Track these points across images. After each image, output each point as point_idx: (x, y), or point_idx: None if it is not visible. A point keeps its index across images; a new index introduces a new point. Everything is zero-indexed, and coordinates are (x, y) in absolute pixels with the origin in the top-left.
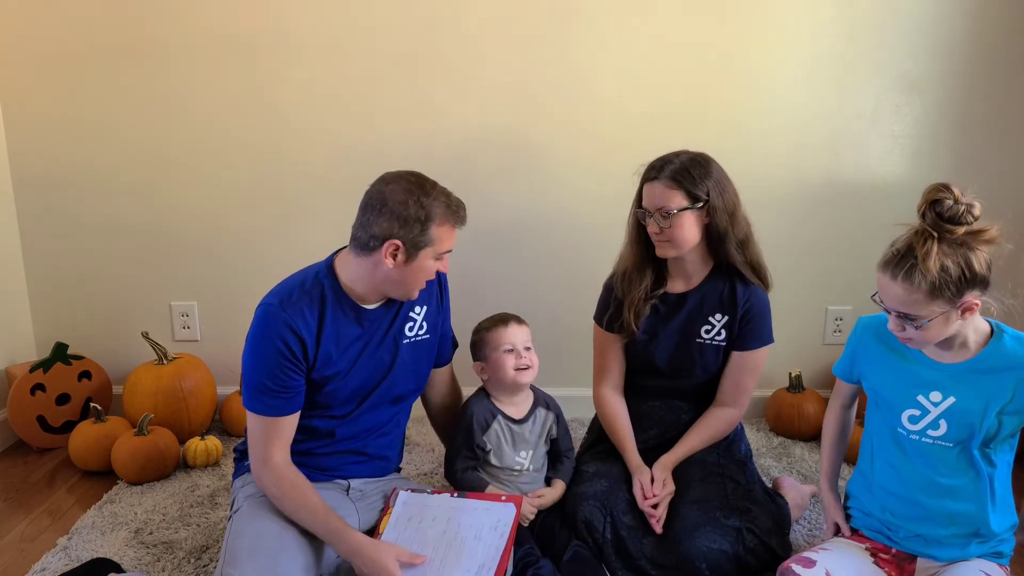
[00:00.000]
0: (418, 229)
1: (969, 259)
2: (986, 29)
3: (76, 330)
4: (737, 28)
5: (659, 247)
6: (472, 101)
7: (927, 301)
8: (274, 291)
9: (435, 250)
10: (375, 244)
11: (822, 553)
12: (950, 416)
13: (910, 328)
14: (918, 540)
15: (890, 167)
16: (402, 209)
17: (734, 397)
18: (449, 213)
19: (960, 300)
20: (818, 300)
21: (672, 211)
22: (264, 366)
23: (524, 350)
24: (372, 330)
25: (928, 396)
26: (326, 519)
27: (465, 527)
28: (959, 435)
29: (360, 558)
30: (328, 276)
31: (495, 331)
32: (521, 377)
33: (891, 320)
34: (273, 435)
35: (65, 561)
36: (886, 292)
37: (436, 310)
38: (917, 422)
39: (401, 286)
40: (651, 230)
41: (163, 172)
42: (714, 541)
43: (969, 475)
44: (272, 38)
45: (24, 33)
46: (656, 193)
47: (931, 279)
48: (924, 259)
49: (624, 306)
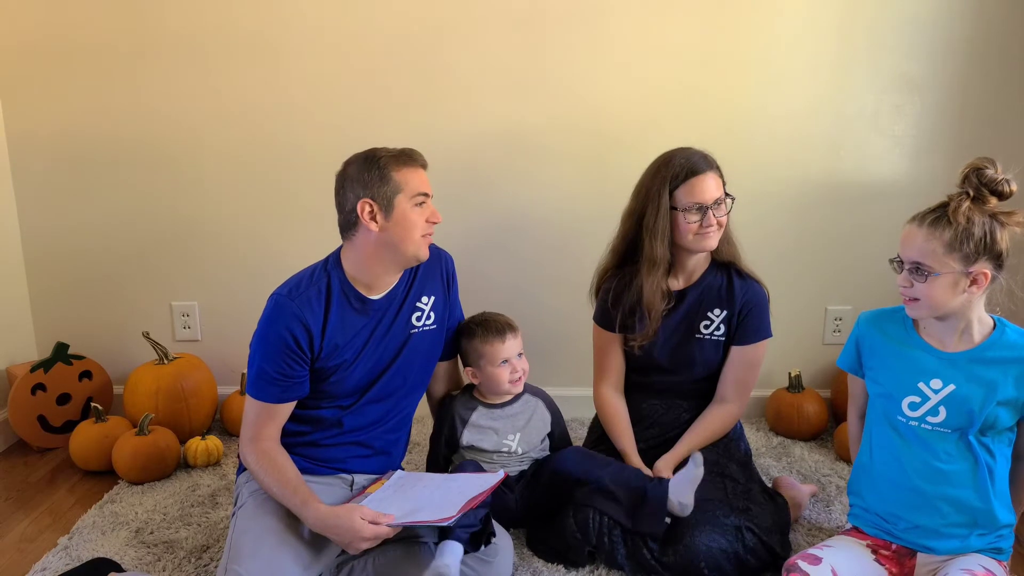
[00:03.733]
0: (378, 181)
1: (995, 229)
2: (986, 29)
3: (77, 330)
4: (737, 28)
5: (708, 239)
6: (473, 101)
7: (944, 252)
8: (285, 283)
9: (407, 194)
10: (354, 218)
11: (826, 550)
12: (950, 403)
13: (918, 284)
14: (917, 531)
15: (890, 167)
16: (359, 174)
17: (734, 393)
18: (400, 156)
19: (973, 265)
20: (818, 300)
21: (723, 199)
22: (269, 354)
23: (517, 359)
24: (377, 319)
25: (929, 383)
26: (296, 490)
27: (450, 485)
28: (958, 422)
29: (327, 528)
30: (335, 267)
31: (490, 345)
32: (516, 387)
33: (901, 278)
34: (267, 418)
35: (66, 561)
36: (906, 243)
37: (444, 301)
38: (917, 408)
39: (399, 245)
40: (708, 222)
41: (164, 172)
42: (714, 540)
43: (967, 461)
44: (273, 38)
45: (24, 32)
46: (713, 184)
47: (955, 230)
48: (955, 210)
49: (644, 309)
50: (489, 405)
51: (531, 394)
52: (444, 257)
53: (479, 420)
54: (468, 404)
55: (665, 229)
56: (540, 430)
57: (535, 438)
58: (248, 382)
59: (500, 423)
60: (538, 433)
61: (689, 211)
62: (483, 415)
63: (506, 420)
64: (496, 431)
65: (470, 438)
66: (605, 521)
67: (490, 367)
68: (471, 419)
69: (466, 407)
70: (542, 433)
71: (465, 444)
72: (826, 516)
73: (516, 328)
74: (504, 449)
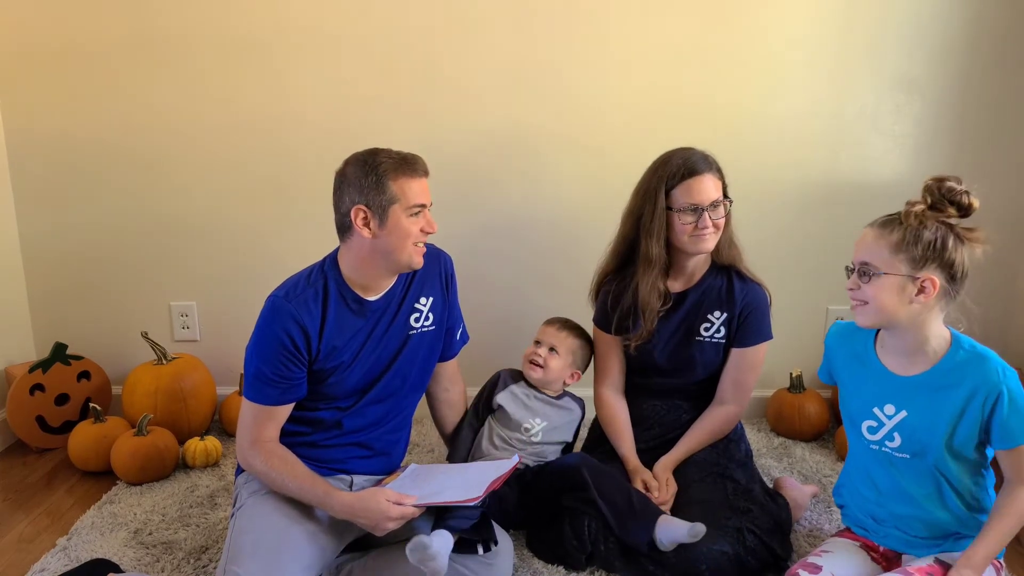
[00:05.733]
0: (374, 189)
1: (947, 239)
2: (986, 29)
3: (75, 330)
4: (738, 28)
5: (705, 241)
6: (473, 101)
7: (891, 253)
8: (283, 284)
9: (403, 205)
10: (347, 221)
11: (826, 557)
12: (902, 429)
13: (864, 287)
14: (895, 539)
15: (890, 167)
16: (356, 178)
17: (734, 395)
18: (401, 164)
19: (920, 271)
20: (818, 300)
21: (720, 200)
22: (266, 356)
23: (548, 350)
24: (375, 321)
25: (883, 408)
26: (314, 485)
27: (468, 471)
28: (912, 448)
29: (354, 512)
30: (332, 269)
31: (543, 326)
32: (529, 369)
33: (850, 281)
34: (265, 419)
35: (64, 561)
36: (858, 245)
37: (442, 302)
38: (875, 432)
39: (393, 254)
40: (704, 224)
41: (163, 172)
42: (714, 541)
43: (930, 485)
44: (273, 39)
45: (24, 32)
46: (711, 186)
47: (903, 230)
48: (907, 212)
49: (640, 309)
50: (533, 387)
51: (574, 400)
52: (443, 258)
53: (518, 392)
54: (515, 376)
55: (660, 229)
56: (564, 434)
57: (556, 437)
58: (245, 385)
59: (535, 404)
60: (560, 435)
61: (684, 212)
62: (524, 389)
63: (542, 404)
64: (528, 407)
65: (503, 400)
66: (600, 528)
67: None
68: (512, 387)
69: (513, 377)
70: (565, 437)
71: (496, 404)
72: (827, 517)
73: (573, 328)
74: (525, 427)
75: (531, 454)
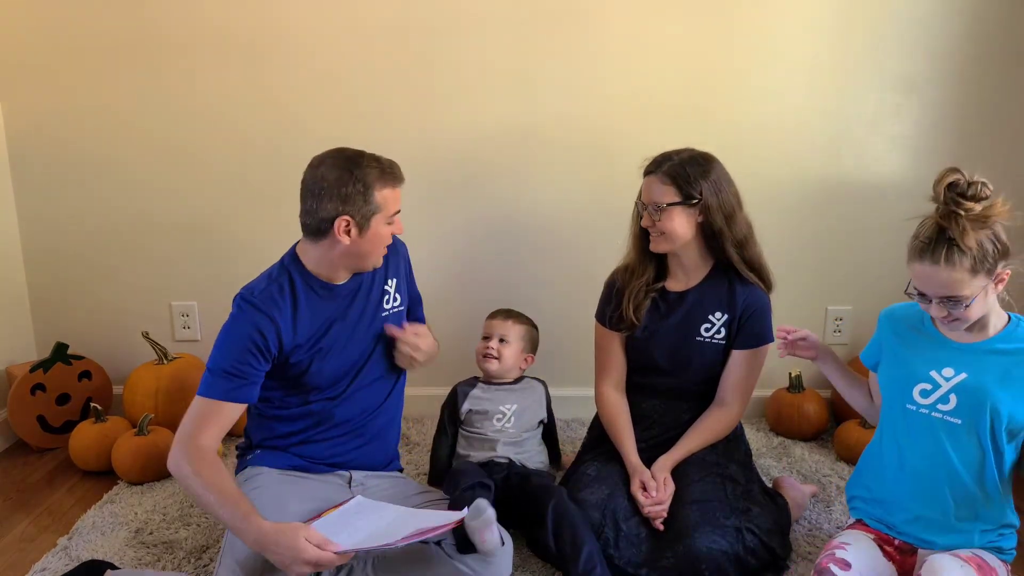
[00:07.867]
0: (361, 200)
1: (996, 231)
2: (985, 29)
3: (76, 330)
4: (738, 29)
5: (653, 241)
6: (475, 100)
7: (970, 279)
8: (246, 286)
9: (384, 215)
10: (326, 227)
11: (850, 550)
12: (960, 391)
13: (955, 311)
14: (918, 524)
15: (890, 167)
16: (340, 187)
17: (734, 396)
18: (385, 176)
19: (995, 272)
20: (818, 300)
21: (662, 205)
22: (228, 351)
23: (499, 341)
24: (347, 305)
25: (941, 371)
26: (237, 504)
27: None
28: (967, 410)
29: (265, 545)
30: (293, 264)
31: (487, 321)
32: (485, 363)
33: (934, 307)
34: (211, 420)
35: (65, 561)
36: (928, 280)
37: (404, 280)
38: (928, 396)
39: (364, 257)
40: (644, 223)
41: (164, 172)
42: (714, 541)
43: (974, 453)
44: (274, 36)
45: (25, 31)
46: (651, 187)
47: (972, 255)
48: (962, 237)
49: (624, 298)
50: (488, 382)
51: (533, 379)
52: (396, 240)
53: (480, 393)
54: (471, 383)
55: (634, 221)
56: (536, 412)
57: (531, 418)
58: (201, 383)
59: (499, 394)
60: (534, 414)
61: (641, 207)
62: (484, 388)
63: (505, 393)
64: (493, 399)
65: (470, 406)
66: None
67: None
68: (472, 392)
69: (469, 384)
70: (538, 415)
71: (465, 411)
72: (826, 516)
73: (518, 317)
74: (498, 416)
75: (510, 443)
